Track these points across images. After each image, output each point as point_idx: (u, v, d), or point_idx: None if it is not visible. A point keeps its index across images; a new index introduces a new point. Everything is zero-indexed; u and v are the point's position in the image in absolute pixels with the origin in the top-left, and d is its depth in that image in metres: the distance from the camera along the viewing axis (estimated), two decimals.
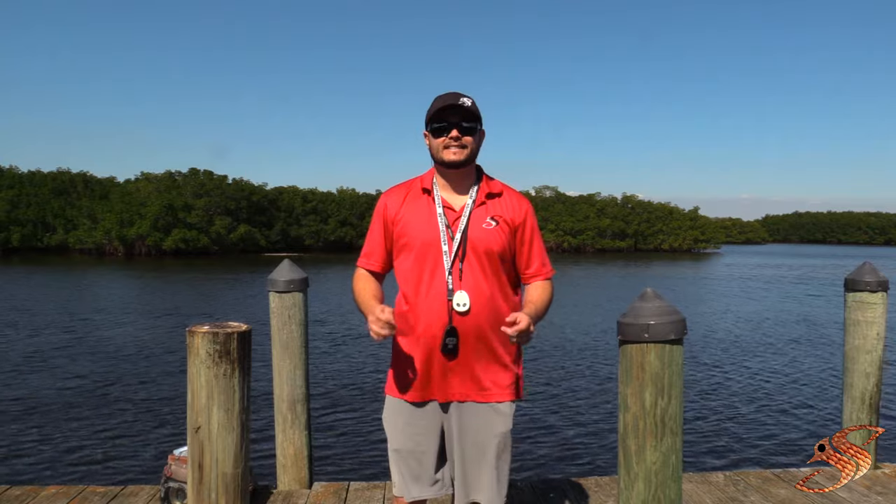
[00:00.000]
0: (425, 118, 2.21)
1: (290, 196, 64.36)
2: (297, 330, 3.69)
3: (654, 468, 2.07)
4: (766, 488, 3.69)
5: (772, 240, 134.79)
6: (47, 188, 56.68)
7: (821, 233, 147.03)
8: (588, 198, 79.58)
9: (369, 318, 2.04)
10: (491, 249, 2.16)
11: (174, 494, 3.35)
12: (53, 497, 3.54)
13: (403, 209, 2.22)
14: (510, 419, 2.21)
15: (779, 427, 7.66)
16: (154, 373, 10.10)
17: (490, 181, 2.27)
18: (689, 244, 78.53)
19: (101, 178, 61.22)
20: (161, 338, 13.31)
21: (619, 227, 76.19)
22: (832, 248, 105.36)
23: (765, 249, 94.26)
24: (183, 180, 58.34)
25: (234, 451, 2.30)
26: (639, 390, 2.07)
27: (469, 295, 2.12)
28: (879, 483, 3.75)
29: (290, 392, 3.72)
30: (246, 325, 2.36)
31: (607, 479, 3.84)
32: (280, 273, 3.69)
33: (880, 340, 3.94)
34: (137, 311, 17.82)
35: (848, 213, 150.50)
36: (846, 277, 4.00)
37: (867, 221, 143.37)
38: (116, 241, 51.89)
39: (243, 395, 2.33)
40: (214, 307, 19.24)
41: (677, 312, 2.06)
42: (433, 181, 2.24)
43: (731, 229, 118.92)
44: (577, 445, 6.90)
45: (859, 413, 3.99)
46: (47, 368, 10.33)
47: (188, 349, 2.28)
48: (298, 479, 3.76)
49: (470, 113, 2.15)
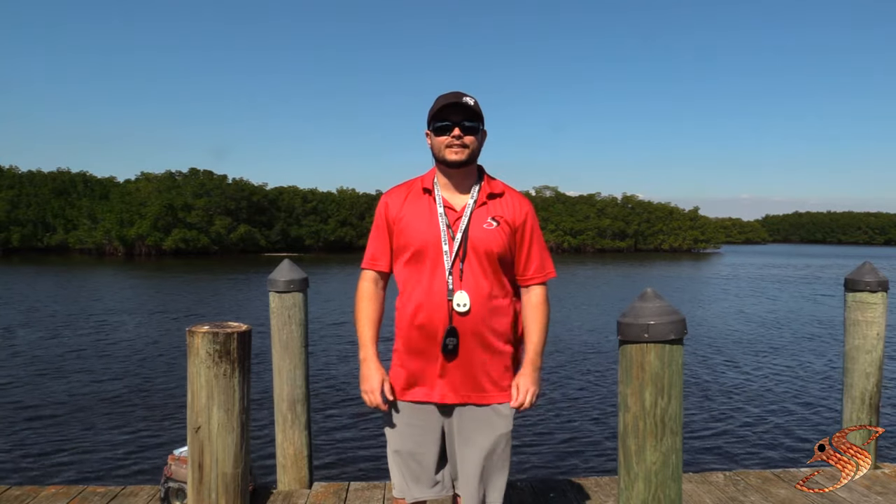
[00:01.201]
0: (427, 117, 2.21)
1: (290, 196, 64.33)
2: (297, 330, 3.69)
3: (654, 468, 2.07)
4: (766, 488, 3.69)
5: (772, 240, 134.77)
6: (47, 188, 56.68)
7: (821, 233, 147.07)
8: (588, 198, 79.55)
9: (363, 386, 2.21)
10: (491, 250, 2.15)
11: (174, 494, 3.35)
12: (53, 497, 3.54)
13: (404, 209, 2.21)
14: (510, 420, 2.21)
15: (779, 427, 7.66)
16: (154, 373, 10.10)
17: (491, 181, 2.26)
18: (689, 244, 78.53)
19: (101, 178, 61.18)
20: (161, 338, 13.31)
21: (619, 227, 76.16)
22: (832, 248, 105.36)
23: (765, 249, 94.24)
24: (183, 180, 58.32)
25: (234, 451, 2.30)
26: (639, 390, 2.07)
27: (469, 295, 2.12)
28: (879, 483, 3.75)
29: (290, 392, 3.72)
30: (246, 325, 2.36)
31: (607, 479, 3.84)
32: (280, 273, 3.69)
33: (880, 340, 3.94)
34: (137, 311, 17.82)
35: (848, 213, 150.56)
36: (846, 277, 4.00)
37: (867, 221, 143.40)
38: (116, 241, 51.89)
39: (243, 395, 2.32)
40: (214, 307, 19.24)
41: (677, 312, 2.06)
42: (434, 181, 2.23)
43: (731, 229, 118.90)
44: (577, 445, 6.90)
45: (859, 413, 3.99)
46: (47, 368, 10.33)
47: (188, 349, 2.28)
48: (298, 479, 3.76)
49: (472, 112, 2.14)
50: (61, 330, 14.14)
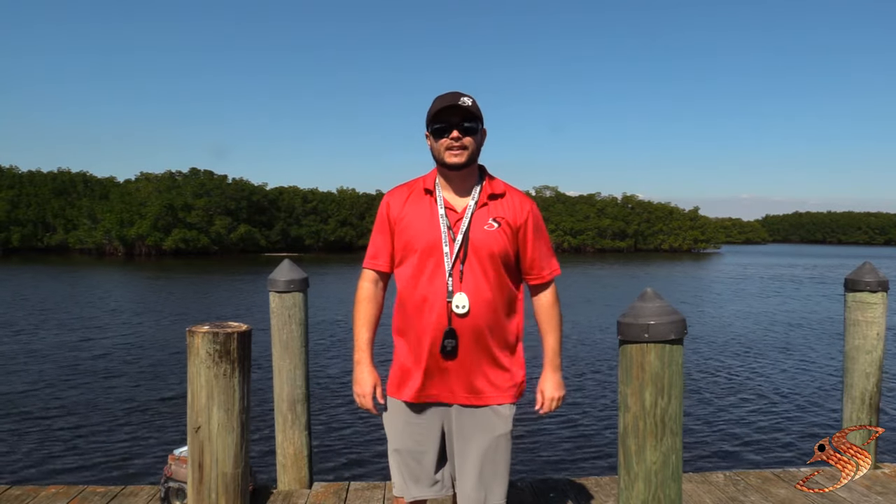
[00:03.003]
0: (426, 119, 2.20)
1: (290, 196, 64.36)
2: (297, 330, 3.69)
3: (654, 468, 2.07)
4: (766, 488, 3.69)
5: (772, 240, 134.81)
6: (47, 188, 56.71)
7: (821, 233, 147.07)
8: (588, 198, 79.59)
9: (355, 388, 2.25)
10: (492, 252, 2.15)
11: (174, 494, 3.35)
12: (53, 497, 3.54)
13: (406, 209, 2.21)
14: (509, 421, 2.21)
15: (779, 427, 7.66)
16: (154, 373, 10.10)
17: (492, 181, 2.25)
18: (689, 244, 78.54)
19: (101, 178, 61.26)
20: (161, 338, 13.31)
21: (619, 227, 76.18)
22: (832, 248, 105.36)
23: (765, 249, 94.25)
24: (183, 180, 58.34)
25: (234, 451, 2.30)
26: (639, 390, 2.07)
27: (469, 297, 2.11)
28: (879, 483, 3.75)
29: (290, 392, 3.72)
30: (246, 325, 2.36)
31: (607, 479, 3.84)
32: (280, 273, 3.69)
33: (880, 340, 3.94)
34: (137, 311, 17.82)
35: (848, 213, 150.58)
36: (846, 277, 3.99)
37: (867, 221, 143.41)
38: (116, 241, 51.91)
39: (243, 395, 2.32)
40: (214, 307, 19.24)
41: (677, 312, 2.06)
42: (435, 182, 2.23)
43: (731, 229, 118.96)
44: (577, 445, 6.90)
45: (859, 413, 3.99)
46: (47, 368, 10.33)
47: (188, 349, 2.28)
48: (298, 479, 3.76)
49: (470, 113, 2.13)
50: (61, 330, 14.14)
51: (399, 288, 2.23)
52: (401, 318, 2.21)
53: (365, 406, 2.25)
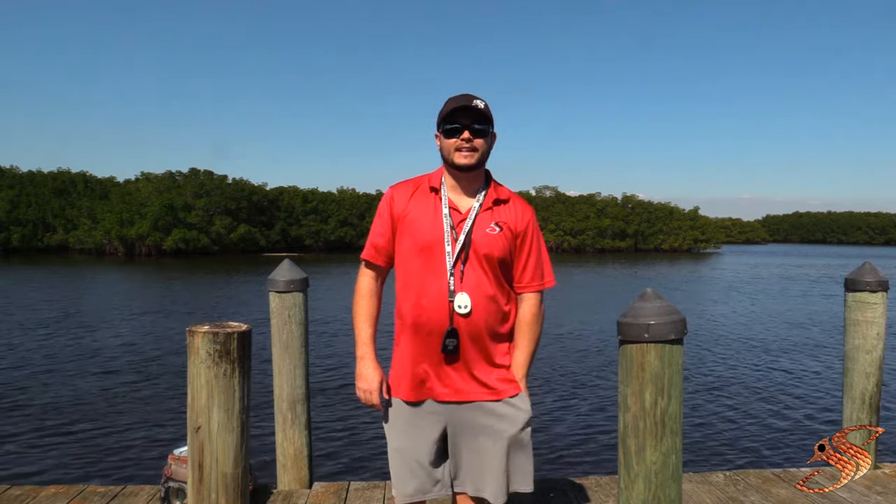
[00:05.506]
0: (437, 119, 2.20)
1: (290, 196, 64.31)
2: (297, 330, 3.69)
3: (654, 468, 2.07)
4: (766, 488, 3.69)
5: (772, 240, 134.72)
6: (47, 188, 56.65)
7: (821, 233, 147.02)
8: (588, 198, 79.52)
9: (359, 384, 2.25)
10: (492, 254, 2.16)
11: (174, 494, 3.35)
12: (53, 497, 3.54)
13: (410, 205, 2.21)
14: (508, 419, 2.21)
15: (779, 427, 7.66)
16: (154, 373, 10.10)
17: (498, 187, 2.27)
18: (689, 244, 78.49)
19: (101, 178, 61.18)
20: (161, 338, 13.31)
21: (620, 227, 76.13)
22: (832, 248, 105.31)
23: (765, 249, 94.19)
24: (183, 180, 58.29)
25: (234, 451, 2.30)
26: (639, 390, 2.07)
27: (470, 297, 2.12)
28: (879, 483, 3.75)
29: (290, 392, 3.72)
30: (246, 325, 2.35)
31: (607, 479, 3.84)
32: (280, 273, 3.69)
33: (880, 340, 3.94)
34: (137, 310, 17.82)
35: (848, 213, 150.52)
36: (846, 277, 4.00)
37: (867, 221, 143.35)
38: (116, 241, 51.86)
39: (243, 395, 2.32)
40: (214, 307, 19.24)
41: (677, 312, 2.06)
42: (441, 181, 2.24)
43: (731, 229, 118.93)
44: (577, 445, 6.89)
45: (859, 413, 3.99)
46: (47, 368, 10.33)
47: (188, 349, 2.28)
48: (298, 479, 3.76)
49: (482, 115, 2.14)
50: (61, 330, 14.14)
51: (399, 285, 2.22)
52: (402, 317, 2.21)
53: (370, 402, 2.23)
